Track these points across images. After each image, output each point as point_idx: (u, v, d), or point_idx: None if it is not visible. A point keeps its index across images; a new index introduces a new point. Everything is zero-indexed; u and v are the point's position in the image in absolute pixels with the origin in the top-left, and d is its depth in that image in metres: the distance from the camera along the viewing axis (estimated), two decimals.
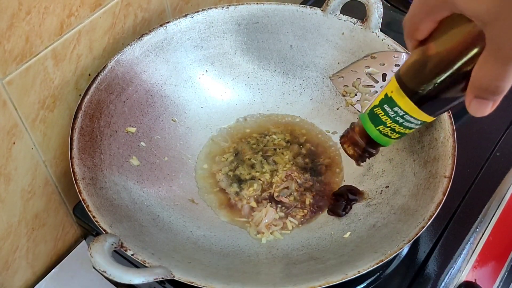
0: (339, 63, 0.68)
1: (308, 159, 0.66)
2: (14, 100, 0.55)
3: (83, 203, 0.51)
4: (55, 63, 0.58)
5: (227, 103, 0.71)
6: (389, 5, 0.88)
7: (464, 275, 0.60)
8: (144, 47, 0.65)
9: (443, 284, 0.57)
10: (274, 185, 0.63)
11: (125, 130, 0.62)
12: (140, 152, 0.62)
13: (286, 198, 0.62)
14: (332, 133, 0.68)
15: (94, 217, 0.50)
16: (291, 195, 0.62)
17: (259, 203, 0.62)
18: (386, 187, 0.60)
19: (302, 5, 0.69)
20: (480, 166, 0.66)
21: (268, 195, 0.62)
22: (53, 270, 0.68)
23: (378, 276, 0.57)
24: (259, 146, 0.67)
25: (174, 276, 0.46)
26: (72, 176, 0.53)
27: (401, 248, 0.49)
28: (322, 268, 0.51)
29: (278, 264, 0.55)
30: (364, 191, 0.61)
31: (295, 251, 0.57)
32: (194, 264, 0.51)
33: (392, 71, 0.61)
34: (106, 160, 0.58)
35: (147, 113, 0.65)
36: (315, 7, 0.68)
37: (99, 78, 0.61)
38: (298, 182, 0.63)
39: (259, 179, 0.64)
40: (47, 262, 0.69)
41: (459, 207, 0.62)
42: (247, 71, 0.71)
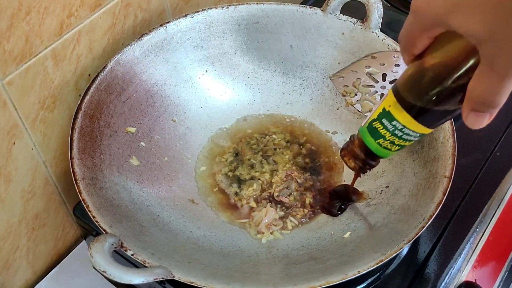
0: (339, 63, 0.68)
1: (308, 159, 0.66)
2: (14, 100, 0.55)
3: (83, 203, 0.51)
4: (55, 63, 0.58)
5: (227, 103, 0.71)
6: (389, 5, 0.88)
7: (464, 275, 0.60)
8: (144, 47, 0.65)
9: (443, 284, 0.57)
10: (274, 185, 0.63)
11: (125, 130, 0.62)
12: (140, 152, 0.62)
13: (286, 198, 0.62)
14: (332, 133, 0.68)
15: (94, 217, 0.50)
16: (291, 195, 0.62)
17: (259, 203, 0.62)
18: (386, 187, 0.60)
19: (302, 5, 0.69)
20: (480, 166, 0.66)
21: (268, 195, 0.62)
22: (53, 270, 0.68)
23: (378, 276, 0.57)
24: (259, 147, 0.67)
25: (174, 276, 0.46)
26: (72, 176, 0.53)
27: (401, 248, 0.49)
28: (322, 268, 0.51)
29: (278, 264, 0.55)
30: (363, 191, 0.61)
31: (295, 251, 0.57)
32: (194, 264, 0.51)
33: (392, 71, 0.62)
34: (106, 160, 0.58)
35: (147, 113, 0.65)
36: (315, 7, 0.68)
37: (99, 78, 0.61)
38: (298, 182, 0.63)
39: (258, 179, 0.64)
40: (47, 262, 0.69)
41: (459, 207, 0.62)
42: (247, 71, 0.71)
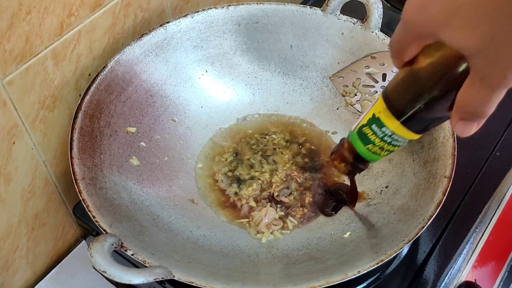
0: (339, 63, 0.68)
1: (307, 159, 0.66)
2: (14, 100, 0.55)
3: (83, 203, 0.51)
4: (55, 63, 0.58)
5: (227, 103, 0.71)
6: (389, 5, 0.88)
7: (464, 275, 0.60)
8: (144, 47, 0.65)
9: (443, 284, 0.57)
10: (274, 184, 0.63)
11: (125, 130, 0.62)
12: (140, 152, 0.62)
13: (286, 197, 0.62)
14: (332, 133, 0.68)
15: (94, 217, 0.50)
16: (291, 195, 0.62)
17: (258, 202, 0.62)
18: (386, 187, 0.60)
19: (302, 5, 0.69)
20: (480, 166, 0.66)
21: (267, 194, 0.62)
22: (53, 270, 0.68)
23: (378, 276, 0.57)
24: (258, 146, 0.67)
25: (174, 276, 0.46)
26: (72, 176, 0.53)
27: (401, 248, 0.49)
28: (322, 268, 0.51)
29: (278, 264, 0.55)
30: (363, 192, 0.61)
31: (295, 251, 0.57)
32: (194, 264, 0.51)
33: (392, 71, 0.62)
34: (106, 160, 0.58)
35: (147, 113, 0.65)
36: (315, 7, 0.68)
37: (99, 78, 0.61)
38: (298, 182, 0.63)
39: (258, 179, 0.64)
40: (47, 262, 0.69)
41: (459, 207, 0.62)
42: (247, 71, 0.71)
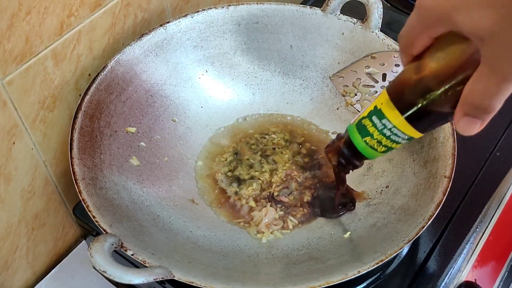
0: (339, 63, 0.68)
1: (307, 158, 0.66)
2: (14, 100, 0.55)
3: (83, 203, 0.51)
4: (55, 63, 0.58)
5: (227, 103, 0.71)
6: (389, 5, 0.88)
7: (464, 275, 0.60)
8: (144, 47, 0.65)
9: (443, 284, 0.57)
10: (273, 184, 0.63)
11: (125, 130, 0.62)
12: (140, 152, 0.62)
13: (286, 197, 0.62)
14: (332, 133, 0.68)
15: (94, 217, 0.50)
16: (291, 194, 0.62)
17: (258, 202, 0.62)
18: (386, 187, 0.60)
19: (302, 5, 0.69)
20: (480, 166, 0.66)
21: (267, 194, 0.62)
22: (53, 270, 0.68)
23: (378, 276, 0.57)
24: (258, 146, 0.67)
25: (174, 276, 0.46)
26: (72, 176, 0.53)
27: (401, 248, 0.49)
28: (322, 268, 0.51)
29: (278, 264, 0.55)
30: (363, 192, 0.61)
31: (295, 251, 0.57)
32: (194, 264, 0.51)
33: (392, 71, 0.61)
34: (106, 160, 0.58)
35: (147, 113, 0.65)
36: (315, 7, 0.68)
37: (99, 78, 0.61)
38: (298, 181, 0.63)
39: (258, 179, 0.64)
40: (47, 262, 0.69)
41: (459, 207, 0.62)
42: (247, 71, 0.71)
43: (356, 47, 0.67)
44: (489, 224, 0.63)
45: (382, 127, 0.44)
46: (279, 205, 0.62)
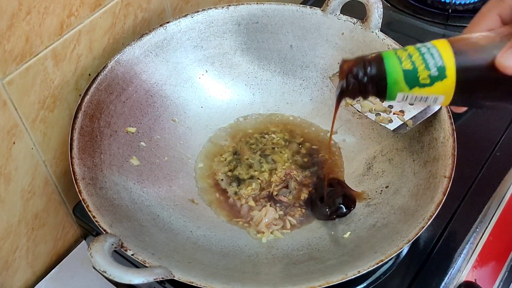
0: (339, 63, 0.68)
1: (307, 158, 0.66)
2: (14, 100, 0.55)
3: (83, 203, 0.51)
4: (55, 63, 0.58)
5: (227, 103, 0.71)
6: (389, 5, 0.88)
7: (464, 275, 0.60)
8: (144, 47, 0.65)
9: (443, 284, 0.57)
10: (273, 184, 0.63)
11: (125, 130, 0.62)
12: (140, 152, 0.62)
13: (285, 197, 0.62)
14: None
15: (94, 217, 0.50)
16: (290, 194, 0.62)
17: (258, 202, 0.62)
18: (386, 187, 0.60)
19: (302, 5, 0.69)
20: (480, 166, 0.66)
21: (267, 194, 0.62)
22: (53, 270, 0.68)
23: (378, 276, 0.57)
24: (258, 146, 0.67)
25: (174, 276, 0.46)
26: (72, 176, 0.53)
27: (401, 248, 0.49)
28: (322, 268, 0.51)
29: (278, 264, 0.55)
30: (363, 192, 0.61)
31: (295, 251, 0.57)
32: (194, 264, 0.51)
33: None
34: (106, 160, 0.58)
35: (147, 113, 0.65)
36: (315, 7, 0.68)
37: (99, 78, 0.61)
38: (297, 180, 0.63)
39: (258, 178, 0.64)
40: (47, 262, 0.69)
41: (459, 207, 0.62)
42: (247, 71, 0.71)
43: (356, 47, 0.67)
44: (489, 224, 0.63)
45: (432, 60, 0.41)
46: (278, 204, 0.62)
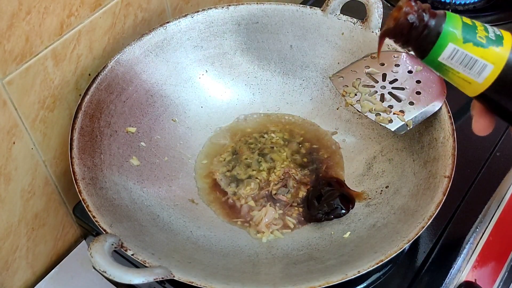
0: (339, 63, 0.68)
1: (306, 158, 0.66)
2: (14, 100, 0.55)
3: (83, 203, 0.51)
4: (55, 63, 0.58)
5: (227, 103, 0.71)
6: (389, 5, 0.88)
7: (464, 275, 0.60)
8: (144, 47, 0.65)
9: (443, 284, 0.57)
10: (271, 183, 0.63)
11: (125, 130, 0.62)
12: (140, 152, 0.62)
13: (283, 196, 0.62)
14: (332, 133, 0.68)
15: (94, 217, 0.50)
16: (288, 193, 0.62)
17: (257, 201, 0.62)
18: (386, 187, 0.60)
19: (302, 5, 0.69)
20: (480, 166, 0.66)
21: (266, 193, 0.62)
22: (53, 270, 0.68)
23: (378, 276, 0.57)
24: (257, 146, 0.67)
25: (174, 276, 0.46)
26: (72, 176, 0.53)
27: (401, 248, 0.49)
28: (322, 268, 0.51)
29: (278, 264, 0.55)
30: (363, 192, 0.61)
31: (295, 251, 0.57)
32: (194, 264, 0.51)
33: (392, 71, 0.61)
34: (106, 160, 0.58)
35: (147, 113, 0.65)
36: (315, 7, 0.68)
37: (99, 78, 0.61)
38: (295, 179, 0.63)
39: (256, 178, 0.64)
40: (47, 262, 0.69)
41: (459, 207, 0.62)
42: (247, 71, 0.71)
43: (356, 47, 0.67)
44: (489, 224, 0.63)
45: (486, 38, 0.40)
46: (277, 204, 0.62)
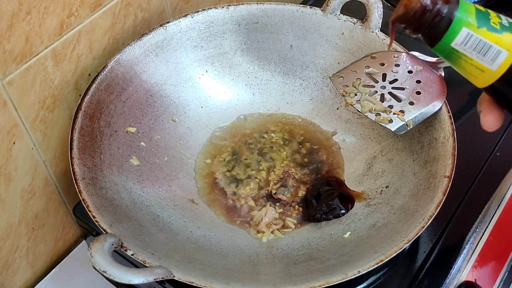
0: (339, 63, 0.68)
1: (306, 158, 0.66)
2: (14, 100, 0.55)
3: (83, 203, 0.51)
4: (55, 63, 0.58)
5: (227, 103, 0.71)
6: (389, 5, 0.88)
7: (464, 275, 0.60)
8: (144, 47, 0.65)
9: (443, 284, 0.57)
10: (271, 182, 0.63)
11: (125, 130, 0.62)
12: (140, 152, 0.62)
13: (283, 195, 0.62)
14: (332, 133, 0.68)
15: (94, 217, 0.50)
16: (288, 192, 0.62)
17: (257, 201, 0.62)
18: (386, 187, 0.60)
19: (302, 5, 0.69)
20: (480, 166, 0.66)
21: (266, 192, 0.62)
22: (53, 270, 0.68)
23: (378, 276, 0.57)
24: (256, 146, 0.67)
25: (174, 276, 0.46)
26: (72, 176, 0.53)
27: (401, 248, 0.49)
28: (322, 268, 0.51)
29: (278, 264, 0.55)
30: (363, 192, 0.61)
31: (295, 251, 0.57)
32: (194, 264, 0.51)
33: (392, 71, 0.61)
34: (106, 160, 0.58)
35: (147, 113, 0.65)
36: (315, 7, 0.68)
37: (99, 78, 0.61)
38: (295, 178, 0.63)
39: (255, 177, 0.64)
40: (47, 262, 0.69)
41: (459, 207, 0.62)
42: (247, 71, 0.71)
43: (356, 47, 0.67)
44: (489, 224, 0.63)
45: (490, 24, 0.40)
46: (277, 203, 0.62)
